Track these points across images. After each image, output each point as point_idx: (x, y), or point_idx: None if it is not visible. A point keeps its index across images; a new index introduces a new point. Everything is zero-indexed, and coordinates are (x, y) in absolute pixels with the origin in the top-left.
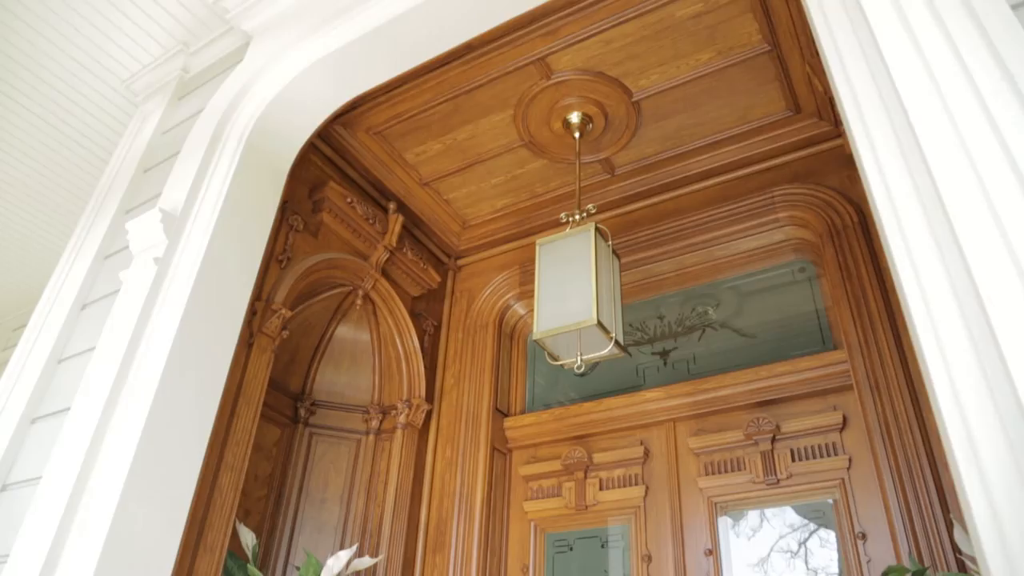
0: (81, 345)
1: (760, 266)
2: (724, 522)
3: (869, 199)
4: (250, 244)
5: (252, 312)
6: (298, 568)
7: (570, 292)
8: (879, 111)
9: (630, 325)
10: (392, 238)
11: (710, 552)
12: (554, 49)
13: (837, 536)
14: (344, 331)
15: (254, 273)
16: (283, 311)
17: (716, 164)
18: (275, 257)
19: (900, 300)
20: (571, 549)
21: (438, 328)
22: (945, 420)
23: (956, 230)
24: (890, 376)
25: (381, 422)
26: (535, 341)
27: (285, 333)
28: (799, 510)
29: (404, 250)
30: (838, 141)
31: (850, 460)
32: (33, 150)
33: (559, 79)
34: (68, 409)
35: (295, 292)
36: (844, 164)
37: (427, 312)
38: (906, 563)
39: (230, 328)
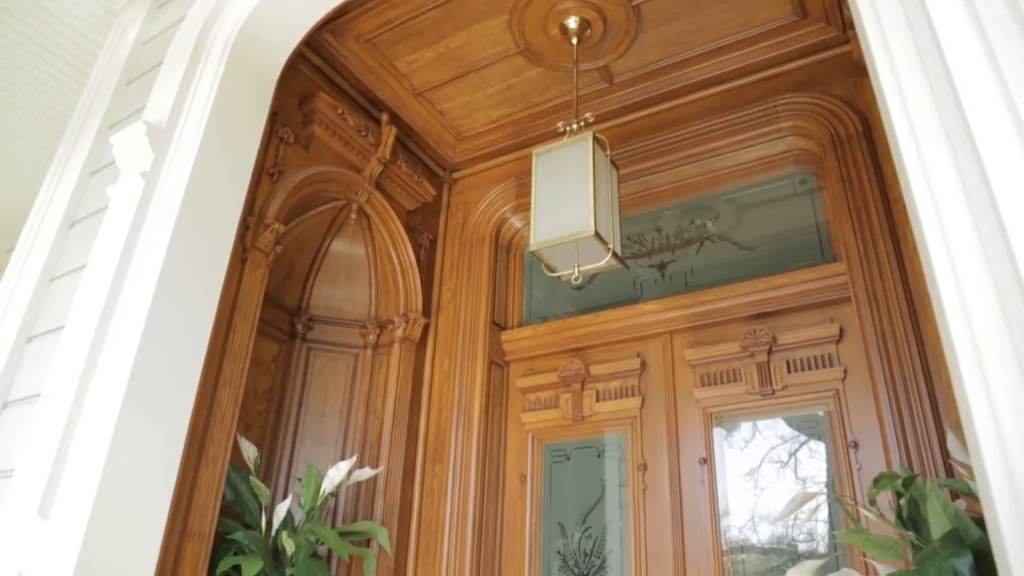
0: (72, 263)
1: (760, 178)
2: (718, 433)
3: (880, 105)
4: (239, 157)
5: (244, 227)
6: (300, 479)
7: (567, 202)
8: (895, 8)
9: (627, 238)
10: (385, 150)
11: (704, 461)
12: None
13: (829, 446)
14: (339, 246)
15: (245, 187)
16: (276, 226)
17: (718, 72)
18: (266, 171)
19: (909, 208)
20: (568, 459)
21: (434, 242)
22: (949, 323)
23: (975, 135)
24: (889, 288)
25: (378, 336)
26: (532, 253)
27: (279, 248)
28: (790, 422)
29: (398, 163)
30: (845, 48)
31: (845, 371)
32: (12, 65)
33: None
34: (63, 327)
35: (288, 206)
36: (850, 72)
37: (423, 226)
38: (897, 471)
39: (222, 243)
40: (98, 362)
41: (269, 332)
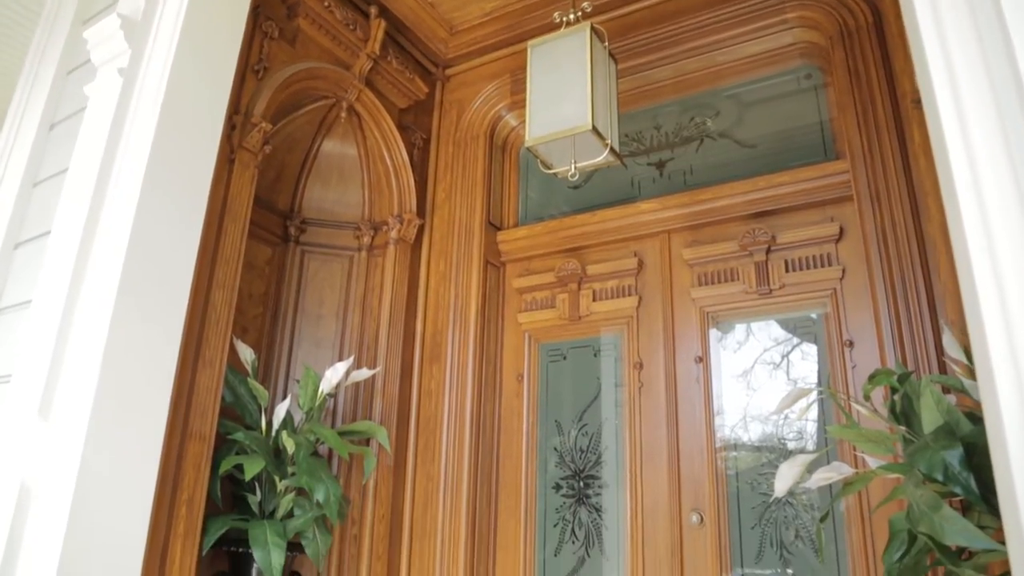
0: (54, 167)
1: (763, 72)
2: (713, 334)
3: None
4: (222, 52)
5: (231, 126)
6: (298, 381)
7: (564, 96)
8: None
9: (626, 135)
10: (375, 45)
11: (700, 359)
12: None
13: (824, 346)
14: (330, 146)
15: (228, 83)
16: (263, 124)
17: None
18: (250, 67)
19: (925, 99)
20: (564, 358)
21: (427, 141)
22: (963, 215)
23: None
24: (892, 186)
25: (373, 238)
26: (527, 149)
27: (267, 148)
28: (784, 324)
29: (388, 59)
30: None
31: (843, 271)
32: None
33: None
34: (49, 233)
35: (275, 105)
36: None
37: (415, 125)
38: (892, 368)
39: (208, 142)
40: (87, 267)
41: (261, 235)
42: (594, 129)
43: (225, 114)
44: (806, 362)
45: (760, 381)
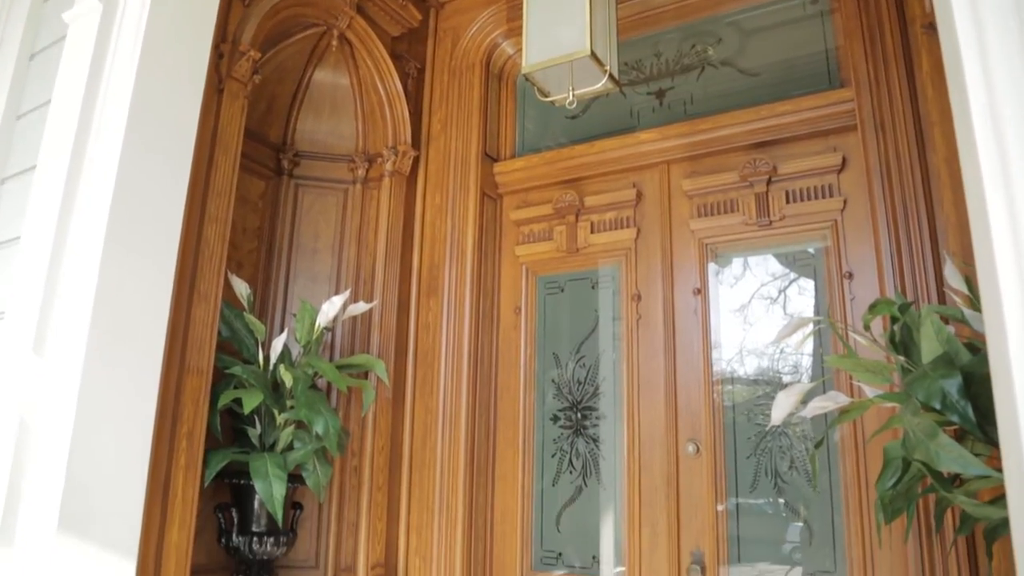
0: (37, 99)
1: None
2: (711, 269)
3: None
4: None
5: (218, 55)
6: (295, 315)
7: (561, 20)
8: None
9: (625, 64)
10: None
11: (698, 291)
12: None
13: (823, 279)
14: (322, 76)
15: (214, 10)
16: (252, 53)
17: None
18: None
19: (940, 17)
20: (562, 291)
21: (422, 71)
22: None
23: None
24: (897, 115)
25: (367, 171)
26: (524, 76)
27: (257, 78)
28: (781, 259)
29: None
30: None
31: (845, 202)
32: None
33: None
34: (34, 167)
35: (263, 32)
36: None
37: (409, 53)
38: (892, 299)
39: (195, 71)
40: (75, 201)
41: (254, 168)
42: (592, 55)
43: (212, 42)
44: (803, 297)
45: (757, 316)
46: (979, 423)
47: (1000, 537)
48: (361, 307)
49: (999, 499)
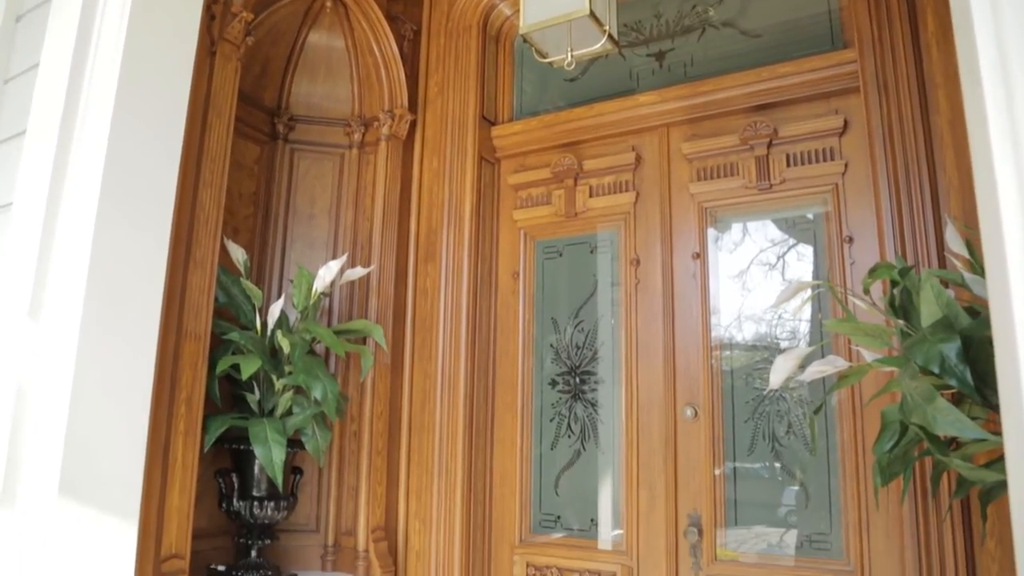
0: (25, 62)
1: None
2: (710, 234)
3: None
4: None
5: (210, 16)
6: (292, 281)
7: None
8: None
9: (624, 25)
10: None
11: (697, 255)
12: None
13: (823, 244)
14: (316, 38)
15: None
16: (244, 14)
17: None
18: None
19: None
20: (560, 255)
21: (418, 33)
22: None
23: None
24: (901, 76)
25: (364, 135)
26: (522, 36)
27: (250, 40)
28: (780, 225)
29: None
30: None
31: (846, 165)
32: None
33: None
34: (24, 132)
35: None
36: None
37: (405, 15)
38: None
39: (186, 33)
40: (67, 166)
41: (249, 133)
42: (592, 14)
43: (203, 3)
44: (802, 263)
45: (756, 281)
46: (977, 387)
47: (995, 500)
48: (358, 272)
49: (995, 462)
